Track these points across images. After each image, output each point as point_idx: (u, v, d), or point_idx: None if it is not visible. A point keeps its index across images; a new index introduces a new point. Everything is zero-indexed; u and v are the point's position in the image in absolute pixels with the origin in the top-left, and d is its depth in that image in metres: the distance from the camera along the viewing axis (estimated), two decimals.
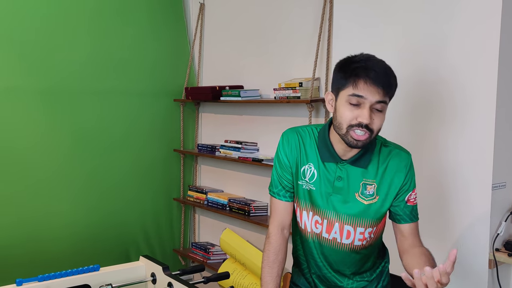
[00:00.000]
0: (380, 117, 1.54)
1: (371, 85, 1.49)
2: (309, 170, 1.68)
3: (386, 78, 1.52)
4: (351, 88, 1.51)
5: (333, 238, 1.69)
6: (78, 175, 3.57)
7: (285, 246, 1.80)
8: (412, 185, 1.66)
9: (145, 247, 3.93)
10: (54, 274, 2.00)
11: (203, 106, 4.14)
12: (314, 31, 3.11)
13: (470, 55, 2.20)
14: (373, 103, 1.51)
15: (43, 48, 3.39)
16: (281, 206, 1.77)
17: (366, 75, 1.50)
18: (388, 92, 1.53)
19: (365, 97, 1.50)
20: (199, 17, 4.07)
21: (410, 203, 1.66)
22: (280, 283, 1.82)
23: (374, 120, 1.52)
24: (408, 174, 1.64)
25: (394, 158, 1.63)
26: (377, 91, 1.50)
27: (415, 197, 1.68)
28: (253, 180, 3.64)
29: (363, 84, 1.50)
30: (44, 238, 3.40)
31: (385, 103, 1.53)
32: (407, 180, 1.64)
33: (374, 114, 1.52)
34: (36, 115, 3.38)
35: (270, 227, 1.80)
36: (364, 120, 1.50)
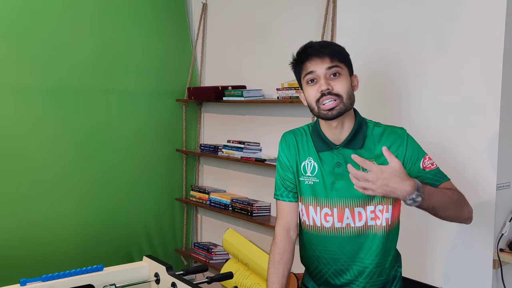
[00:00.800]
0: (341, 81, 1.61)
1: (313, 59, 1.63)
2: (309, 164, 1.72)
3: (326, 48, 1.63)
4: (303, 71, 1.66)
5: (347, 225, 1.69)
6: (83, 176, 3.57)
7: (291, 247, 1.80)
8: (420, 152, 1.66)
9: (148, 247, 3.93)
10: (57, 274, 2.00)
11: (206, 106, 4.14)
12: (317, 30, 3.10)
13: (475, 53, 2.20)
14: (325, 72, 1.61)
15: (49, 48, 3.40)
16: (285, 207, 1.79)
17: (306, 54, 1.65)
18: (334, 57, 1.62)
19: (314, 71, 1.62)
20: (202, 17, 4.07)
21: (428, 168, 1.65)
22: (286, 284, 1.82)
23: (335, 85, 1.61)
24: (409, 145, 1.65)
25: (390, 135, 1.67)
26: (321, 60, 1.62)
27: (431, 161, 1.66)
28: (256, 180, 3.63)
29: (308, 62, 1.64)
30: (48, 239, 3.40)
31: (337, 67, 1.61)
32: (410, 150, 1.65)
33: (333, 80, 1.61)
34: (43, 115, 3.39)
35: (276, 229, 1.81)
36: (322, 87, 1.60)
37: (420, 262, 2.40)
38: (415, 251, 2.42)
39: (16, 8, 3.26)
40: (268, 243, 3.37)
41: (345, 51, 1.68)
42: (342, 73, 1.62)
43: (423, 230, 2.41)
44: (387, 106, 2.54)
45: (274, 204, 3.47)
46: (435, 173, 1.66)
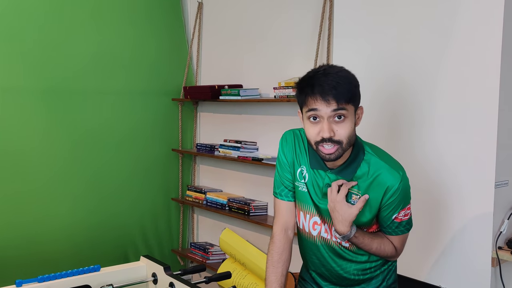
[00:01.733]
0: (344, 126, 1.54)
1: (319, 99, 1.52)
2: (303, 172, 1.72)
3: (335, 88, 1.51)
4: (305, 106, 1.56)
5: (335, 236, 1.70)
6: (77, 175, 3.55)
7: (289, 246, 1.80)
8: (403, 204, 1.63)
9: (144, 247, 3.91)
10: (54, 274, 1.98)
11: (202, 106, 4.12)
12: (314, 29, 3.09)
13: (472, 52, 2.19)
14: (330, 115, 1.52)
15: (42, 48, 3.38)
16: (284, 206, 1.79)
17: (312, 92, 1.53)
18: (340, 100, 1.52)
19: (318, 110, 1.53)
20: (197, 16, 4.05)
21: (398, 220, 1.66)
22: (284, 283, 1.81)
23: (337, 131, 1.53)
24: (398, 195, 1.60)
25: (383, 175, 1.60)
26: (327, 103, 1.52)
27: (407, 212, 1.66)
28: (253, 180, 3.62)
29: (313, 101, 1.53)
30: (44, 239, 3.38)
31: (343, 110, 1.52)
32: (395, 201, 1.61)
33: (336, 124, 1.53)
34: (35, 115, 3.37)
35: (274, 228, 1.81)
36: (324, 134, 1.53)
37: (418, 260, 2.40)
38: (414, 250, 2.41)
39: (9, 7, 3.23)
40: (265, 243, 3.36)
41: (354, 88, 1.56)
42: (347, 115, 1.54)
43: (421, 229, 2.40)
44: (384, 105, 2.54)
45: (271, 203, 3.46)
46: (401, 225, 1.68)
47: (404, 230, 1.70)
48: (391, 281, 1.81)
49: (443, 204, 2.32)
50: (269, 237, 1.84)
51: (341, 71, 1.56)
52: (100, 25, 3.63)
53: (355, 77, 1.59)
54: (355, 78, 1.59)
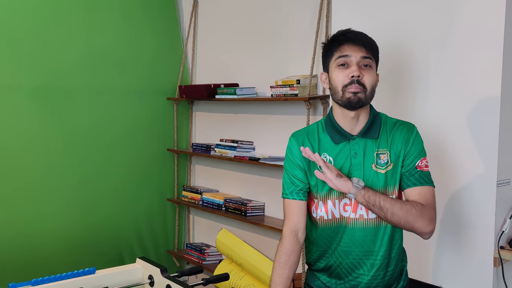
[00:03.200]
0: (370, 73, 1.65)
1: (352, 44, 1.65)
2: (326, 158, 1.72)
3: (364, 38, 1.68)
4: (337, 53, 1.67)
5: (360, 216, 1.69)
6: (71, 176, 3.50)
7: (298, 249, 1.77)
8: (421, 152, 1.71)
9: (139, 248, 3.87)
10: (48, 277, 1.94)
11: (197, 105, 4.08)
12: (311, 27, 3.06)
13: (474, 49, 2.17)
14: (359, 60, 1.64)
15: (34, 46, 3.33)
16: (294, 206, 1.76)
17: (345, 38, 1.67)
18: (370, 49, 1.67)
19: (349, 55, 1.65)
20: (193, 14, 4.01)
21: (420, 168, 1.69)
22: (290, 286, 1.77)
23: (364, 75, 1.64)
24: (415, 141, 1.70)
25: (401, 128, 1.72)
26: (359, 48, 1.65)
27: (426, 164, 1.70)
28: (250, 180, 3.59)
29: (345, 46, 1.66)
30: (37, 241, 3.33)
31: (370, 59, 1.66)
32: (414, 147, 1.69)
33: (364, 70, 1.64)
34: (27, 114, 3.32)
35: (284, 230, 1.78)
36: (354, 73, 1.62)
37: (420, 260, 2.37)
38: (415, 250, 2.38)
39: (1, 6, 3.18)
40: (262, 243, 3.33)
41: (377, 48, 1.72)
42: (372, 66, 1.67)
43: None
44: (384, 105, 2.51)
45: (268, 204, 3.42)
46: (424, 175, 1.69)
47: (428, 182, 1.69)
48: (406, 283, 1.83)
49: (444, 203, 2.29)
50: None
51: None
52: (94, 23, 3.58)
53: None
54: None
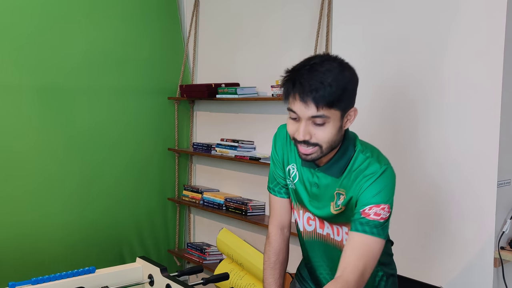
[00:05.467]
0: (324, 130, 1.41)
1: (298, 100, 1.39)
2: (292, 170, 1.64)
3: (316, 91, 1.37)
4: (286, 101, 1.45)
5: (327, 234, 1.63)
6: (72, 175, 3.50)
7: (286, 246, 1.76)
8: (374, 198, 1.44)
9: (140, 248, 3.87)
10: (48, 277, 1.93)
11: (198, 104, 4.08)
12: (312, 26, 3.06)
13: (475, 48, 2.16)
14: (309, 117, 1.40)
15: (36, 46, 3.33)
16: (278, 203, 1.74)
17: (292, 89, 1.41)
18: (321, 105, 1.37)
19: (297, 113, 1.41)
20: (194, 13, 4.01)
21: (365, 214, 1.44)
22: (283, 284, 1.77)
23: (315, 134, 1.41)
24: (371, 184, 1.44)
25: (366, 168, 1.47)
26: (305, 106, 1.38)
27: (379, 213, 1.43)
28: (250, 179, 3.58)
29: (292, 99, 1.41)
30: (38, 240, 3.34)
31: (322, 117, 1.39)
32: (368, 189, 1.44)
33: (315, 127, 1.41)
34: (28, 113, 3.32)
35: (269, 227, 1.76)
36: (298, 137, 1.42)
37: (420, 261, 2.37)
38: (415, 250, 2.39)
39: (2, 5, 3.18)
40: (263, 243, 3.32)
41: (342, 91, 1.39)
42: (328, 121, 1.41)
43: (423, 229, 2.37)
44: (385, 104, 2.50)
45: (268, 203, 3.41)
46: (367, 223, 1.43)
47: (368, 230, 1.43)
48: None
49: (444, 204, 2.29)
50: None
51: (331, 69, 1.40)
52: (96, 23, 3.58)
53: (348, 76, 1.42)
54: (347, 78, 1.42)
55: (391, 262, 1.72)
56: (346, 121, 1.47)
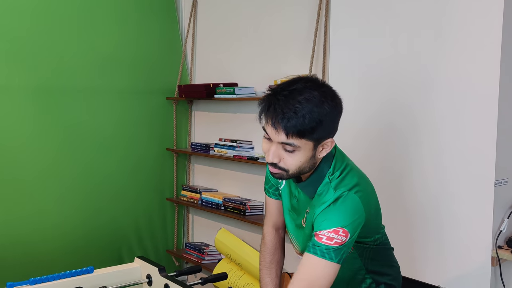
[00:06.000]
0: (293, 156, 1.40)
1: (271, 124, 1.39)
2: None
3: (287, 120, 1.35)
4: (264, 123, 1.44)
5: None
6: (69, 176, 3.50)
7: (281, 245, 1.78)
8: (328, 223, 1.41)
9: (138, 248, 3.87)
10: (46, 277, 1.93)
11: (196, 104, 4.08)
12: (310, 26, 3.06)
13: (472, 49, 2.17)
14: (279, 143, 1.39)
15: (32, 46, 3.32)
16: (273, 204, 1.76)
17: (267, 112, 1.40)
18: (291, 134, 1.35)
19: (269, 135, 1.41)
20: (192, 13, 4.01)
21: (317, 237, 1.41)
22: (279, 283, 1.78)
23: (284, 159, 1.41)
24: (324, 210, 1.43)
25: (322, 194, 1.48)
26: (277, 132, 1.37)
27: (332, 237, 1.40)
28: (249, 179, 3.59)
29: (265, 122, 1.41)
30: (36, 239, 3.33)
31: (291, 145, 1.38)
32: (322, 214, 1.43)
33: (285, 153, 1.40)
34: (24, 113, 3.31)
35: (264, 228, 1.79)
36: (267, 158, 1.43)
37: (418, 260, 2.37)
38: (413, 250, 2.39)
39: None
40: None
41: (316, 124, 1.35)
42: (298, 149, 1.39)
43: (421, 228, 2.38)
44: (382, 103, 2.51)
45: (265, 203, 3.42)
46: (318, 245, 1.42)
47: (318, 253, 1.40)
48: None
49: (442, 203, 2.29)
50: None
51: (310, 99, 1.35)
52: (93, 23, 3.58)
53: (327, 109, 1.37)
54: (326, 111, 1.37)
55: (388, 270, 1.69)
56: (321, 150, 1.44)
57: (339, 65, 2.72)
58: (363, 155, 2.19)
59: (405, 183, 2.41)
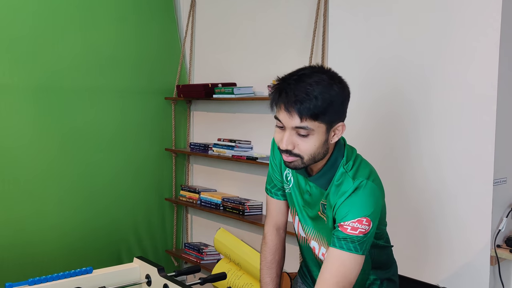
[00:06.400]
0: (308, 141, 1.41)
1: (284, 109, 1.40)
2: (288, 175, 1.66)
3: (300, 103, 1.36)
4: (276, 111, 1.45)
5: (313, 247, 1.65)
6: (68, 175, 3.50)
7: (282, 246, 1.78)
8: (351, 213, 1.42)
9: (137, 248, 3.87)
10: (45, 277, 1.93)
11: (195, 104, 4.08)
12: (309, 25, 3.06)
13: (471, 48, 2.17)
14: (293, 128, 1.41)
15: (32, 46, 3.33)
16: (274, 204, 1.76)
17: (279, 98, 1.41)
18: (306, 115, 1.37)
19: (282, 122, 1.42)
20: (190, 13, 4.01)
21: (343, 229, 1.43)
22: (279, 283, 1.78)
23: (299, 145, 1.42)
24: (345, 199, 1.44)
25: (341, 184, 1.48)
26: (289, 116, 1.39)
27: (357, 227, 1.42)
28: (247, 179, 3.59)
29: (278, 108, 1.42)
30: (34, 239, 3.33)
31: (305, 129, 1.39)
32: (344, 204, 1.44)
33: (299, 138, 1.42)
34: (23, 113, 3.31)
35: (265, 228, 1.79)
36: (281, 146, 1.43)
37: (417, 259, 2.37)
38: (412, 249, 2.39)
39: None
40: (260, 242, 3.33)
41: (328, 105, 1.38)
42: (312, 133, 1.40)
43: (420, 228, 2.38)
44: (381, 102, 2.51)
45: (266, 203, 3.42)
46: (345, 237, 1.43)
47: (345, 246, 1.42)
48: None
49: (441, 202, 2.29)
50: None
51: (319, 82, 1.39)
52: (91, 23, 3.57)
53: (337, 90, 1.41)
54: (335, 92, 1.40)
55: (389, 266, 1.71)
56: (333, 135, 1.45)
57: (337, 63, 2.72)
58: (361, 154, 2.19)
59: (404, 183, 2.41)
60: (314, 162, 1.47)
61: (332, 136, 1.45)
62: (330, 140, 1.45)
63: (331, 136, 1.45)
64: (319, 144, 1.43)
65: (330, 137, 1.45)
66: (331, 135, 1.45)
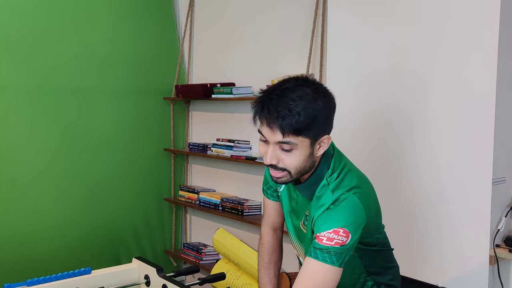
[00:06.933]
0: (291, 156, 1.39)
1: (266, 125, 1.39)
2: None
3: (281, 118, 1.34)
4: (259, 125, 1.43)
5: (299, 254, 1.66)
6: (66, 176, 3.49)
7: (279, 246, 1.79)
8: (327, 224, 1.39)
9: (136, 248, 3.86)
10: (44, 278, 1.93)
11: (194, 104, 4.08)
12: (307, 25, 3.06)
13: (469, 48, 2.17)
14: (276, 143, 1.39)
15: (30, 46, 3.32)
16: (270, 205, 1.77)
17: (261, 113, 1.40)
18: (288, 131, 1.35)
19: (265, 136, 1.40)
20: (189, 13, 4.00)
21: (318, 239, 1.40)
22: (277, 283, 1.78)
23: (283, 159, 1.40)
24: (323, 212, 1.42)
25: (321, 197, 1.46)
26: (273, 132, 1.37)
27: (333, 238, 1.38)
28: (246, 179, 3.58)
29: (260, 123, 1.41)
30: (32, 240, 3.32)
31: (288, 144, 1.37)
32: (321, 217, 1.42)
33: (283, 153, 1.40)
34: (21, 113, 3.30)
35: (262, 228, 1.80)
36: (265, 160, 1.42)
37: (416, 259, 2.37)
38: (411, 249, 2.39)
39: None
40: None
41: (311, 120, 1.35)
42: (295, 147, 1.39)
43: (419, 228, 2.38)
44: (379, 102, 2.51)
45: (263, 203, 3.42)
46: (318, 247, 1.39)
47: (320, 257, 1.38)
48: None
49: (440, 202, 2.29)
50: None
51: (303, 96, 1.36)
52: (90, 24, 3.57)
53: (321, 105, 1.37)
54: (319, 107, 1.37)
55: (388, 270, 1.69)
56: (319, 148, 1.44)
57: (336, 64, 2.73)
58: (359, 155, 2.19)
59: (403, 183, 2.41)
60: (301, 175, 1.46)
61: (317, 149, 1.43)
62: (316, 153, 1.44)
63: (317, 149, 1.43)
64: (304, 158, 1.41)
65: (316, 150, 1.43)
66: (316, 148, 1.43)
